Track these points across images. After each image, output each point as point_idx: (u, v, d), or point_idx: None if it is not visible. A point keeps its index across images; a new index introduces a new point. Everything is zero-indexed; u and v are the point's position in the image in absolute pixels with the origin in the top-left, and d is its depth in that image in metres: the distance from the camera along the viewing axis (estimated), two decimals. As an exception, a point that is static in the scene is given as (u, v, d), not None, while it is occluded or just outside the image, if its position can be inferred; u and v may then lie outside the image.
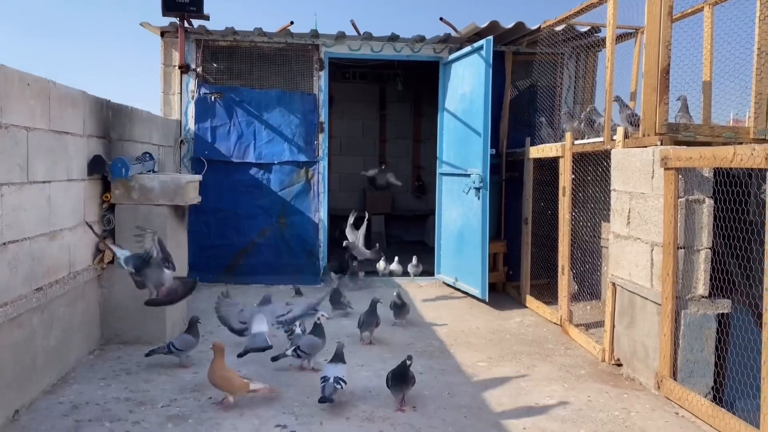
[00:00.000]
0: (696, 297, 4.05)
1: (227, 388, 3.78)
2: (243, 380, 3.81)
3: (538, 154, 6.46)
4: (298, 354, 4.44)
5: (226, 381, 3.77)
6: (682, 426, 3.72)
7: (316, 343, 4.51)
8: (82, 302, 4.58)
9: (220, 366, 3.79)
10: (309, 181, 7.57)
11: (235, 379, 3.79)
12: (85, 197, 4.64)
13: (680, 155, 3.86)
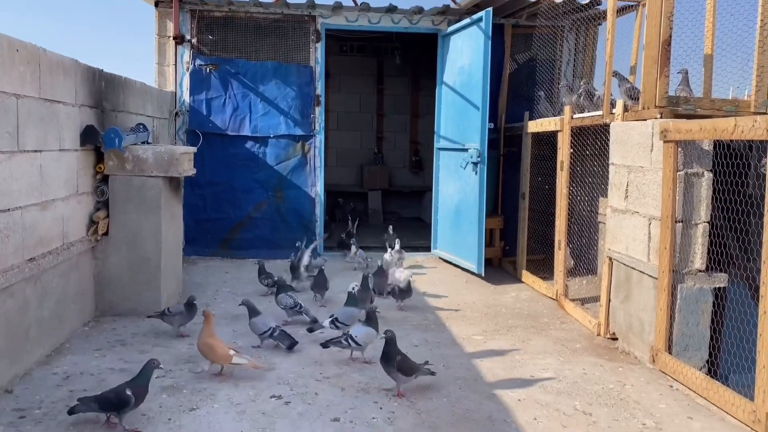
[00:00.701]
0: (693, 271, 4.04)
1: (210, 355, 3.77)
2: (227, 351, 3.76)
3: (536, 128, 6.40)
4: (336, 325, 4.41)
5: (208, 348, 3.76)
6: (677, 398, 3.73)
7: (353, 313, 4.52)
8: (76, 273, 4.55)
9: (207, 333, 3.78)
10: (305, 155, 7.50)
11: (219, 349, 3.76)
12: (78, 168, 4.59)
13: (680, 127, 3.81)
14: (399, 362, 3.64)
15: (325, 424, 3.27)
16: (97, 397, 3.13)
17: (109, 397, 3.11)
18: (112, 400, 3.09)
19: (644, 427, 3.35)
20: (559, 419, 3.42)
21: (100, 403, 3.10)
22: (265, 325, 4.28)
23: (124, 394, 3.10)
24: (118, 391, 3.12)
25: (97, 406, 3.10)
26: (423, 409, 3.49)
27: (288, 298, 4.87)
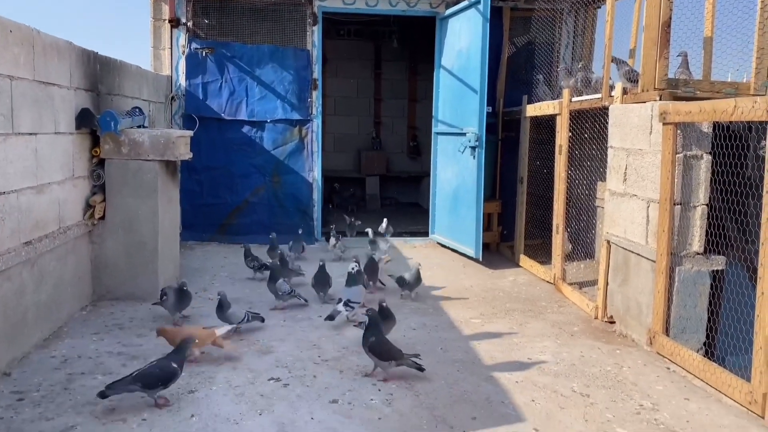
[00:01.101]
0: (691, 253, 4.04)
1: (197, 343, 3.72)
2: (209, 330, 3.81)
3: (535, 112, 6.37)
4: (351, 306, 4.52)
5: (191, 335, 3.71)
6: (673, 380, 3.74)
7: (360, 290, 4.68)
8: (73, 257, 4.54)
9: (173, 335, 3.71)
10: (302, 139, 7.47)
11: (200, 331, 3.79)
12: (73, 151, 4.55)
13: (679, 109, 3.80)
14: (372, 344, 3.61)
15: (324, 405, 3.28)
16: (139, 375, 3.09)
17: (154, 373, 3.11)
18: (158, 375, 3.11)
19: (641, 408, 3.36)
20: (556, 401, 3.43)
21: (143, 381, 3.08)
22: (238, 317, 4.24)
23: (171, 367, 3.14)
24: (163, 366, 3.14)
25: (140, 385, 3.09)
26: (421, 390, 3.50)
27: (285, 285, 4.86)
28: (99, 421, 3.04)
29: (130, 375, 3.14)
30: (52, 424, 2.98)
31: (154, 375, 3.12)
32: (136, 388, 3.10)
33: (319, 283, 5.16)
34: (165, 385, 3.16)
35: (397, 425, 3.09)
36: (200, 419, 3.08)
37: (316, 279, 5.16)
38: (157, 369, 3.15)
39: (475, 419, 3.18)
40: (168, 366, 3.17)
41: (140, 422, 3.04)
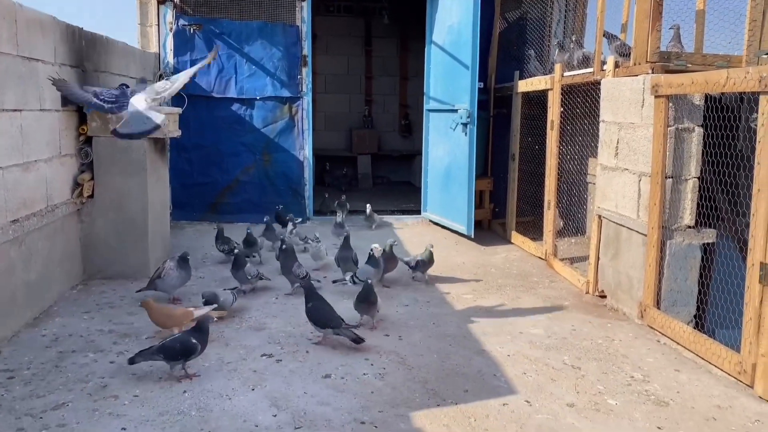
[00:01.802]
0: (682, 227, 4.04)
1: (170, 322, 3.73)
2: (186, 309, 3.79)
3: (526, 87, 6.33)
4: (354, 281, 4.56)
5: (166, 317, 3.73)
6: (664, 352, 3.77)
7: (370, 271, 4.58)
8: (62, 236, 4.50)
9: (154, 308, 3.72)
10: (293, 117, 7.40)
11: (177, 310, 3.78)
12: (60, 129, 4.49)
13: (671, 82, 3.77)
14: (309, 309, 3.77)
15: (317, 380, 3.28)
16: (162, 348, 3.20)
17: (175, 347, 3.20)
18: (179, 349, 3.21)
19: (632, 379, 3.39)
20: (548, 373, 3.45)
21: (165, 353, 3.20)
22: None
23: (191, 343, 3.23)
24: (183, 340, 3.24)
25: (162, 356, 3.20)
26: (413, 364, 3.51)
27: (253, 269, 4.74)
28: (91, 398, 3.03)
29: (154, 346, 3.24)
30: (44, 402, 2.97)
31: (175, 349, 3.21)
32: (159, 358, 3.23)
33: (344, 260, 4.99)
34: (186, 359, 3.24)
35: (390, 398, 3.10)
36: (192, 395, 3.08)
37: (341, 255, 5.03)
38: (177, 343, 3.23)
39: (467, 392, 3.20)
40: (188, 341, 3.24)
41: (132, 399, 3.03)
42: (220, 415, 2.89)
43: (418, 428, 2.82)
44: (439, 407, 3.03)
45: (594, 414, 2.99)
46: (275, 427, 2.80)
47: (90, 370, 3.32)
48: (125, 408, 2.94)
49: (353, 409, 2.97)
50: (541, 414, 2.98)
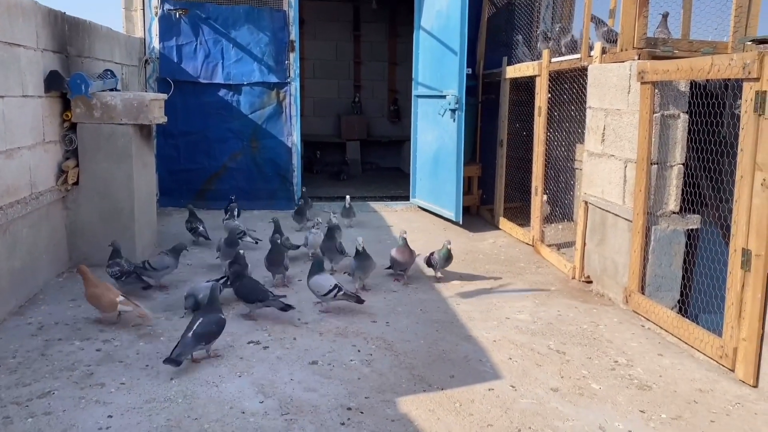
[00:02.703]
0: (667, 213, 4.07)
1: (97, 305, 3.76)
2: (113, 299, 3.73)
3: (514, 73, 6.33)
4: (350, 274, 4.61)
5: (95, 299, 3.75)
6: (648, 337, 3.81)
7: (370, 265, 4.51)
8: (47, 224, 4.46)
9: (91, 284, 3.75)
10: (281, 103, 7.35)
11: (104, 298, 3.75)
12: (43, 115, 4.44)
13: (657, 68, 3.78)
14: (236, 288, 3.96)
15: (304, 367, 3.30)
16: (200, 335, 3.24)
17: (213, 330, 3.32)
18: (215, 331, 3.34)
19: (616, 364, 3.43)
20: (533, 358, 3.48)
21: (207, 339, 3.28)
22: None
23: (221, 319, 3.40)
24: (216, 321, 3.35)
25: (204, 343, 3.28)
26: (400, 350, 3.53)
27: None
28: (77, 385, 3.02)
29: (188, 336, 3.22)
30: (30, 390, 2.96)
31: (213, 332, 3.32)
32: (201, 347, 3.28)
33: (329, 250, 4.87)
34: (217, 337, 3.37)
35: (377, 384, 3.12)
36: (179, 382, 3.08)
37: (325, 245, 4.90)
38: (213, 327, 3.32)
39: (453, 377, 3.22)
40: (219, 319, 3.37)
41: (119, 386, 3.03)
42: (207, 401, 2.90)
43: (404, 413, 2.84)
44: (426, 393, 3.05)
45: (578, 398, 3.03)
46: (262, 413, 2.81)
47: (76, 358, 3.32)
48: (112, 395, 2.94)
49: (340, 396, 2.99)
50: (526, 399, 3.02)
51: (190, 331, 3.23)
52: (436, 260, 4.83)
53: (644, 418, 2.85)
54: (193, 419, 2.74)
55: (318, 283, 4.06)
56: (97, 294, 3.75)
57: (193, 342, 3.21)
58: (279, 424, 2.72)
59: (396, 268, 4.81)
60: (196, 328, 3.24)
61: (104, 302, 3.74)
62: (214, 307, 3.41)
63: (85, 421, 2.71)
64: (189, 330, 3.25)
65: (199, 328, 3.24)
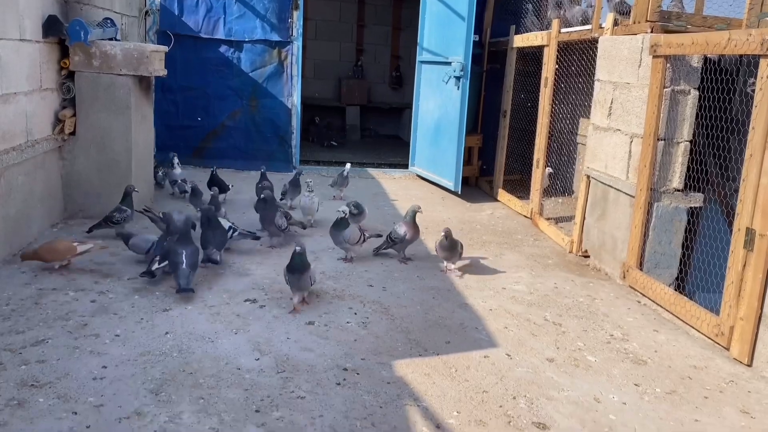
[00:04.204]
0: (670, 190, 4.05)
1: (54, 255, 3.72)
2: (70, 243, 3.78)
3: (522, 42, 6.22)
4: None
5: (50, 251, 3.72)
6: (644, 313, 3.82)
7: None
8: (43, 173, 4.39)
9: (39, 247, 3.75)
10: (282, 62, 7.22)
11: (60, 244, 3.76)
12: (41, 61, 4.33)
13: (671, 41, 3.71)
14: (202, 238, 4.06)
15: (300, 326, 3.28)
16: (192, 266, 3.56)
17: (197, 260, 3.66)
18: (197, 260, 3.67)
19: (612, 337, 3.43)
20: (529, 328, 3.48)
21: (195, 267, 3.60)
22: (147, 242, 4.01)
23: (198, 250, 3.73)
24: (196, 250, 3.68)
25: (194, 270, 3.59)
26: (396, 315, 3.53)
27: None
28: (71, 335, 3.00)
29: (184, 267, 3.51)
30: (23, 337, 2.94)
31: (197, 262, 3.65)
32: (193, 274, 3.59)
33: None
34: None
35: (373, 347, 3.11)
36: (174, 336, 3.06)
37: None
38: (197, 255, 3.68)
39: (449, 343, 3.22)
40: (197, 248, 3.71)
41: (113, 338, 3.01)
42: (203, 357, 2.89)
43: (399, 376, 2.84)
44: (421, 357, 3.05)
45: (573, 369, 3.03)
46: (258, 370, 2.80)
47: (70, 308, 3.29)
48: (106, 347, 2.92)
49: (336, 356, 2.98)
50: (521, 367, 3.02)
51: (182, 264, 3.53)
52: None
53: (639, 391, 2.86)
54: (188, 374, 2.73)
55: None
56: (51, 246, 3.74)
57: (189, 270, 3.53)
58: (275, 382, 2.71)
59: (400, 247, 4.46)
60: (186, 260, 3.54)
61: (61, 248, 3.74)
62: (189, 238, 3.72)
63: (79, 370, 2.69)
64: (180, 263, 3.53)
65: (187, 259, 3.54)
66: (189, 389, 2.60)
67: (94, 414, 2.39)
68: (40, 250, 3.71)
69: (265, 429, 2.37)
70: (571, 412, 2.64)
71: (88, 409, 2.41)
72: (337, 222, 4.29)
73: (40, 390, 2.52)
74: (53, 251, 3.72)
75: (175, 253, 3.59)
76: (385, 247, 4.48)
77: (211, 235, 4.06)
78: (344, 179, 6.20)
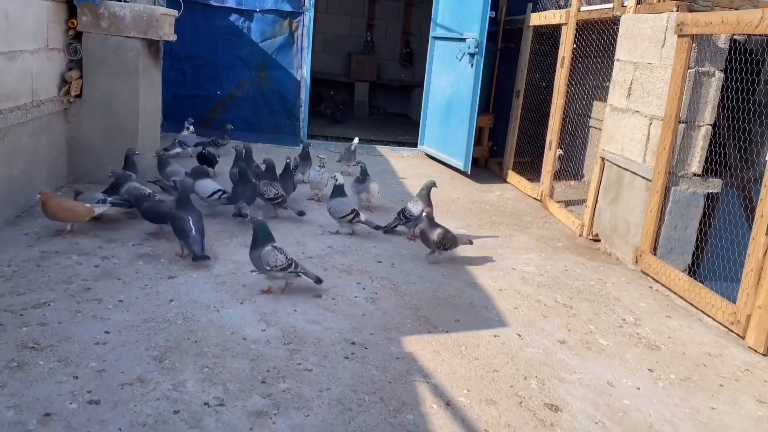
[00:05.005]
0: (689, 174, 3.95)
1: (71, 216, 3.67)
2: (87, 207, 3.73)
3: (539, 20, 6.08)
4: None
5: (68, 211, 3.66)
6: (656, 298, 3.75)
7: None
8: (48, 135, 4.30)
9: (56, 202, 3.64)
10: (293, 33, 7.08)
11: (79, 207, 3.71)
12: (48, 20, 4.22)
13: (699, 20, 3.59)
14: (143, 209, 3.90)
15: (307, 300, 3.22)
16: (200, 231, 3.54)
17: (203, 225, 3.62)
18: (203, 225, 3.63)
19: (624, 322, 3.36)
20: (539, 309, 3.41)
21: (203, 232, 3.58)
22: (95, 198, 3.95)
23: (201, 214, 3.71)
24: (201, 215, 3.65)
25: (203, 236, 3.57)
26: (405, 292, 3.46)
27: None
28: (74, 299, 2.94)
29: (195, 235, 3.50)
30: (24, 299, 2.87)
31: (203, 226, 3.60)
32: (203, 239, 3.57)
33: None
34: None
35: (381, 322, 3.05)
36: (179, 304, 3.00)
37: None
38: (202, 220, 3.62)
39: (458, 321, 3.15)
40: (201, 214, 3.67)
41: (116, 303, 2.95)
42: (208, 325, 2.82)
43: (408, 352, 2.77)
44: (430, 334, 2.98)
45: (585, 352, 2.97)
46: (264, 341, 2.74)
47: (73, 272, 3.22)
48: (109, 312, 2.85)
49: (344, 330, 2.92)
50: (532, 348, 2.95)
51: (191, 231, 3.50)
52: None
53: (653, 377, 2.79)
54: (193, 342, 2.67)
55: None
56: (70, 206, 3.68)
57: (200, 236, 3.51)
58: (281, 353, 2.65)
59: (413, 224, 4.24)
60: (194, 225, 3.51)
61: (81, 210, 3.68)
62: (190, 203, 3.68)
63: (81, 335, 2.63)
64: (189, 230, 3.50)
65: (195, 225, 3.52)
66: (193, 357, 2.54)
67: (95, 379, 2.33)
68: (59, 207, 3.62)
69: (272, 400, 2.31)
70: (583, 395, 2.58)
71: (90, 374, 2.35)
72: (333, 190, 4.29)
73: (40, 353, 2.46)
74: (72, 212, 3.64)
75: (181, 220, 3.51)
76: (395, 224, 4.40)
77: (242, 190, 4.19)
78: (351, 154, 6.08)
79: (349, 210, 4.20)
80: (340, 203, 4.24)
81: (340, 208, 4.22)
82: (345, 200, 4.30)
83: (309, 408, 2.29)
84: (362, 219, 4.23)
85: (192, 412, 2.19)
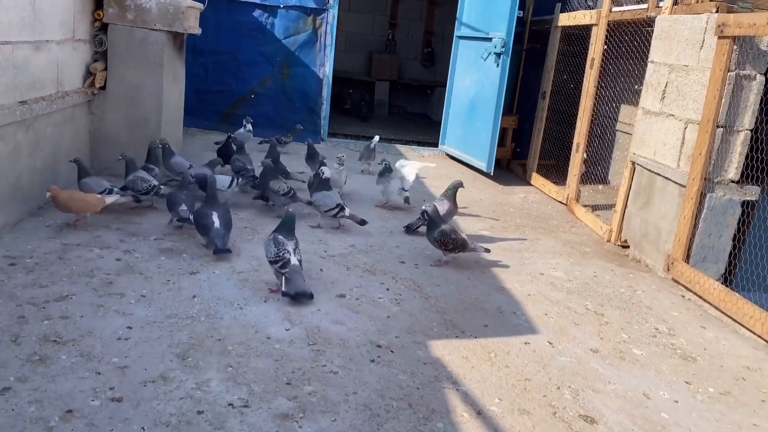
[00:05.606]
0: (725, 181, 3.82)
1: (83, 207, 3.62)
2: (97, 197, 3.69)
3: (568, 21, 5.96)
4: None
5: (80, 201, 3.61)
6: (689, 308, 3.63)
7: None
8: (71, 126, 4.27)
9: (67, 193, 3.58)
10: (316, 30, 7.02)
11: (90, 197, 3.67)
12: (74, 10, 4.19)
13: (741, 21, 3.47)
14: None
15: (331, 298, 3.14)
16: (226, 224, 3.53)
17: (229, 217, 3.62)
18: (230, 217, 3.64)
19: (657, 332, 3.25)
20: (570, 317, 3.31)
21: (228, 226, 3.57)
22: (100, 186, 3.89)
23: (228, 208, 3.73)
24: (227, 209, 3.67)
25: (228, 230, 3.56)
26: (431, 294, 3.37)
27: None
28: (96, 293, 2.89)
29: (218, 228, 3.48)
30: (46, 291, 2.83)
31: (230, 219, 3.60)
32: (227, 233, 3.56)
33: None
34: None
35: (407, 325, 2.96)
36: (202, 301, 2.94)
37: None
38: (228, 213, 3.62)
39: (486, 327, 3.06)
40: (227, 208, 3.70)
41: (139, 298, 2.89)
42: (231, 323, 2.76)
43: (436, 357, 2.69)
44: (458, 339, 2.89)
45: (619, 362, 2.86)
46: (288, 341, 2.66)
47: (95, 265, 3.18)
48: (131, 307, 2.80)
49: (369, 332, 2.84)
50: (564, 356, 2.86)
51: (214, 224, 3.47)
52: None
53: (690, 390, 2.68)
54: (216, 340, 2.60)
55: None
56: (82, 197, 3.64)
57: (224, 230, 3.48)
58: (306, 354, 2.57)
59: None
60: (220, 219, 3.50)
61: (92, 200, 3.63)
62: (216, 199, 3.68)
63: (103, 329, 2.57)
64: (212, 224, 3.48)
65: (220, 219, 3.50)
66: (217, 356, 2.48)
67: (118, 375, 2.27)
68: (71, 199, 3.57)
69: (297, 403, 2.24)
70: (619, 407, 2.48)
71: (112, 370, 2.30)
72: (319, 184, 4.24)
73: (62, 347, 2.41)
74: (84, 202, 3.60)
75: (204, 216, 3.46)
76: (419, 225, 4.31)
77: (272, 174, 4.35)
78: (371, 152, 6.02)
79: (334, 204, 4.15)
80: (325, 197, 4.19)
81: (324, 201, 4.16)
82: (330, 194, 4.24)
83: (335, 412, 2.21)
84: (347, 213, 4.16)
85: (216, 413, 2.12)
